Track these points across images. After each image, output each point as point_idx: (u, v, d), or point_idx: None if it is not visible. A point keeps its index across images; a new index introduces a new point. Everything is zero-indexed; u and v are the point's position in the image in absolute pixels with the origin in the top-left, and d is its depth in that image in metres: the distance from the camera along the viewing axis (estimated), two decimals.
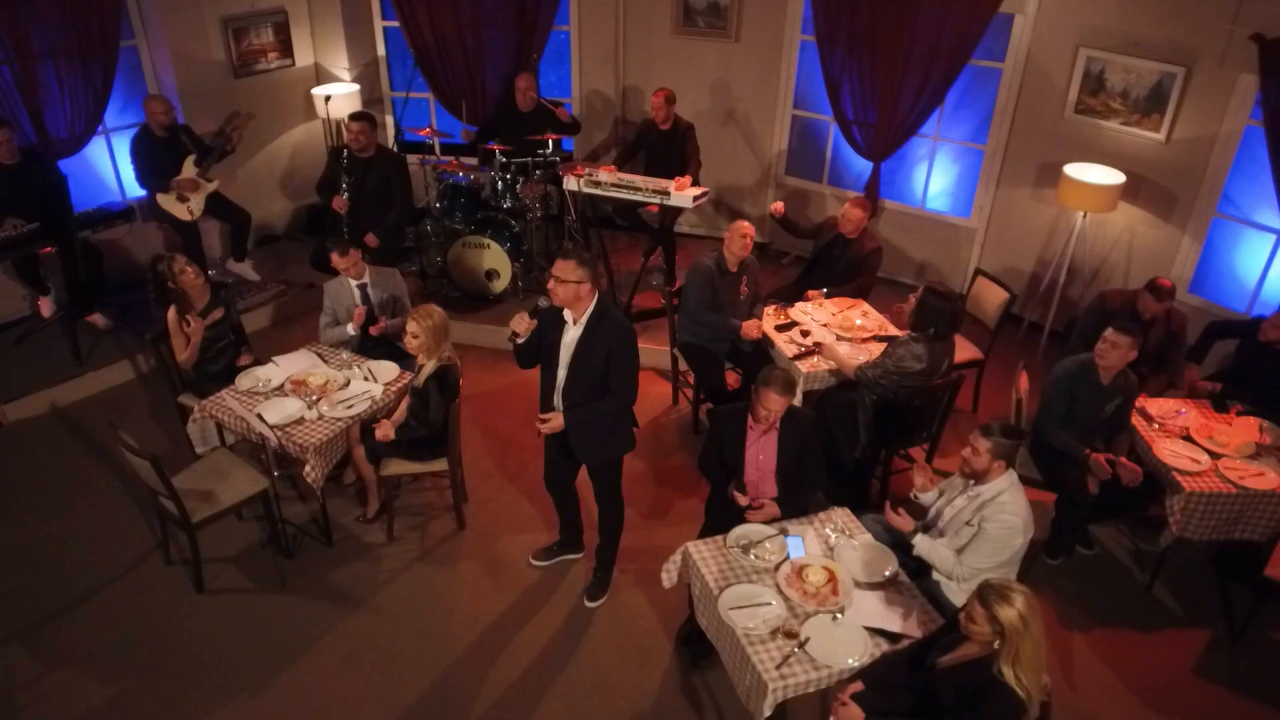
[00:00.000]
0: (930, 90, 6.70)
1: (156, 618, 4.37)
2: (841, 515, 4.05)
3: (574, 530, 4.70)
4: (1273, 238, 5.72)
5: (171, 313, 4.92)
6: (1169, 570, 4.71)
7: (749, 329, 5.36)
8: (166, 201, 6.36)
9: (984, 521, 3.65)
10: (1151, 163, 6.02)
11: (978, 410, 5.91)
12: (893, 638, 3.46)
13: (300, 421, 4.58)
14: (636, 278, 6.70)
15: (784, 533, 3.92)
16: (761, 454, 4.07)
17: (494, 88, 7.71)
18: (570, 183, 6.46)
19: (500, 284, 6.77)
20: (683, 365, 5.88)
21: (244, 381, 4.87)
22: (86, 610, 4.41)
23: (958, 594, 3.76)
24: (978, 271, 6.04)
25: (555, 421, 3.99)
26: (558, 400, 4.06)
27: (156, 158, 6.32)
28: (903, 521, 3.87)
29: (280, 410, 4.63)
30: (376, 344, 5.26)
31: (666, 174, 6.55)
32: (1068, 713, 4.00)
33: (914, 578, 3.79)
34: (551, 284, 3.83)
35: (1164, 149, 5.95)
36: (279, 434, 4.43)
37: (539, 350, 4.07)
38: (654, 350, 6.29)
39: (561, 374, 4.01)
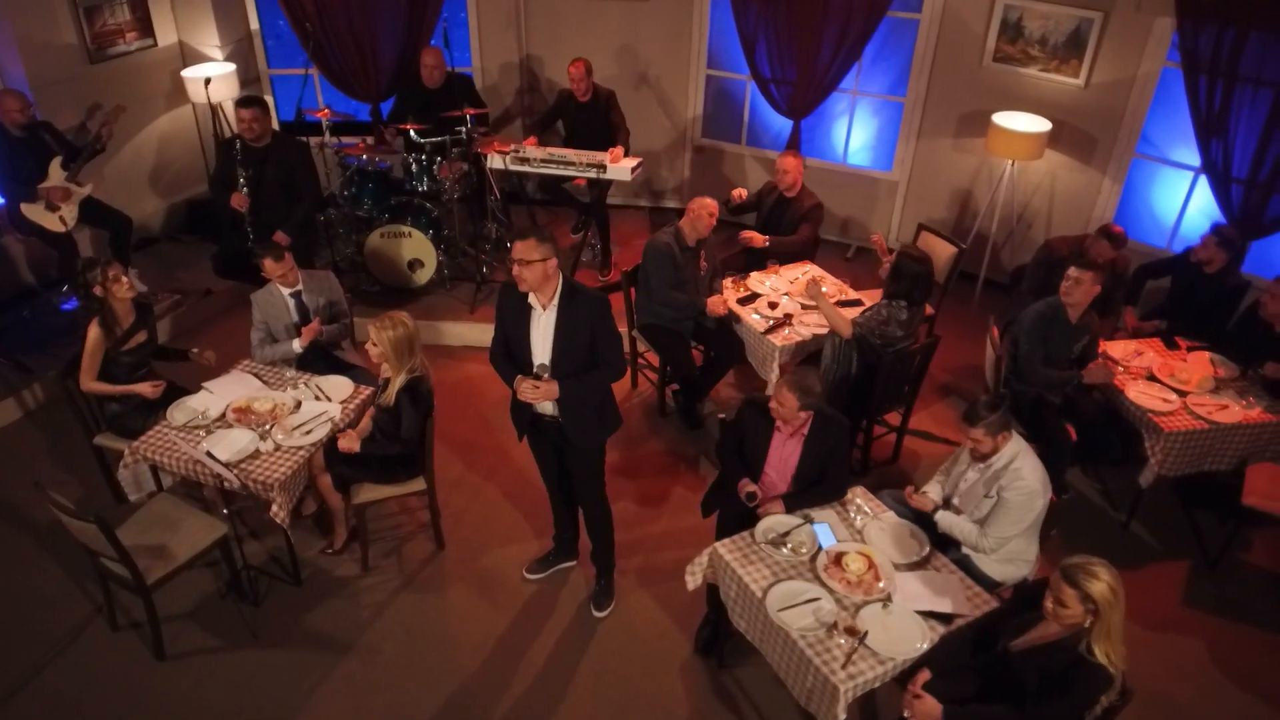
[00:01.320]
0: (849, 44, 6.62)
1: (117, 695, 3.84)
2: (860, 495, 3.97)
3: (570, 536, 4.44)
4: (1190, 174, 5.98)
5: (96, 330, 4.30)
6: (1140, 506, 4.89)
7: (714, 305, 5.19)
8: (34, 212, 5.54)
9: (1002, 491, 3.62)
10: (1071, 108, 6.16)
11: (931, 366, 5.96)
12: (944, 619, 3.41)
13: (255, 455, 4.09)
14: (575, 255, 6.38)
15: (809, 521, 3.80)
16: (786, 454, 3.91)
17: (388, 62, 7.12)
18: (494, 160, 6.05)
19: (425, 273, 6.31)
20: (642, 347, 5.66)
21: (177, 415, 4.31)
22: (29, 696, 3.82)
23: (987, 564, 3.74)
24: (921, 226, 6.05)
25: (550, 389, 3.63)
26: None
27: (16, 161, 5.48)
28: (923, 500, 3.82)
29: (230, 445, 4.12)
30: (316, 355, 4.77)
31: (591, 147, 6.25)
32: None
33: (943, 551, 3.76)
34: (516, 269, 3.50)
35: (1083, 93, 6.10)
36: (236, 472, 3.93)
37: (509, 348, 3.75)
38: None
39: (542, 359, 3.67)
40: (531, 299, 3.61)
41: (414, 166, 6.35)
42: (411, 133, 6.20)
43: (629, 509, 4.85)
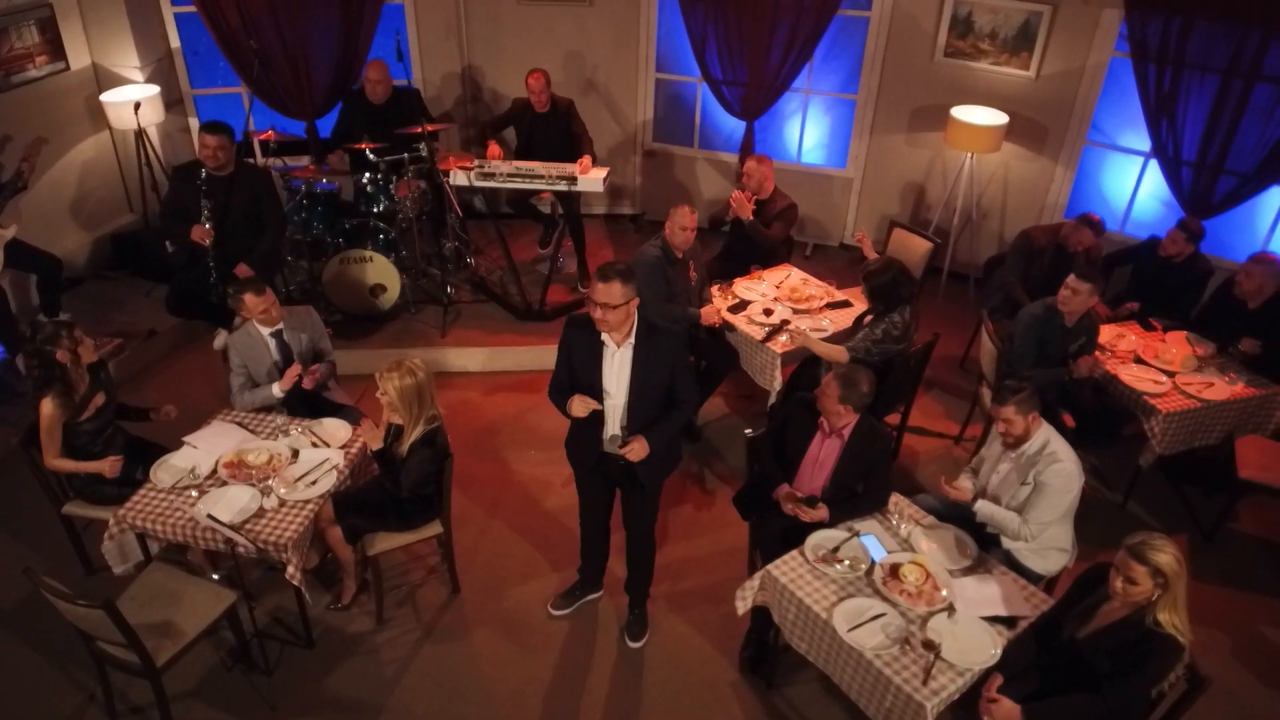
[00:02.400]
0: (800, 43, 6.61)
1: None
2: (897, 501, 3.94)
3: (600, 568, 4.28)
4: (1140, 159, 6.21)
5: (51, 404, 3.87)
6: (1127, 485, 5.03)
7: (709, 316, 5.09)
8: None
9: (1039, 476, 3.65)
10: (1023, 99, 6.31)
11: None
12: (1008, 622, 3.41)
13: (260, 514, 3.78)
14: (549, 272, 6.17)
15: (854, 533, 3.75)
16: (823, 455, 3.85)
17: (324, 77, 6.74)
18: (457, 176, 5.79)
19: (389, 298, 6.00)
20: None
21: (163, 476, 3.95)
22: None
23: (1030, 559, 3.78)
24: (892, 224, 6.09)
25: (641, 448, 3.53)
26: (616, 429, 3.61)
27: None
28: (960, 492, 3.80)
29: (230, 504, 3.80)
30: (300, 396, 4.46)
31: (547, 157, 6.05)
32: None
33: (986, 550, 3.77)
34: (599, 313, 3.36)
35: (1034, 85, 6.25)
36: (245, 534, 3.62)
37: (573, 384, 3.60)
38: None
39: (618, 399, 3.57)
40: (605, 336, 3.46)
41: (369, 186, 6.03)
42: (367, 151, 5.88)
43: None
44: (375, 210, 6.06)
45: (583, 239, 6.43)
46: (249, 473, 3.96)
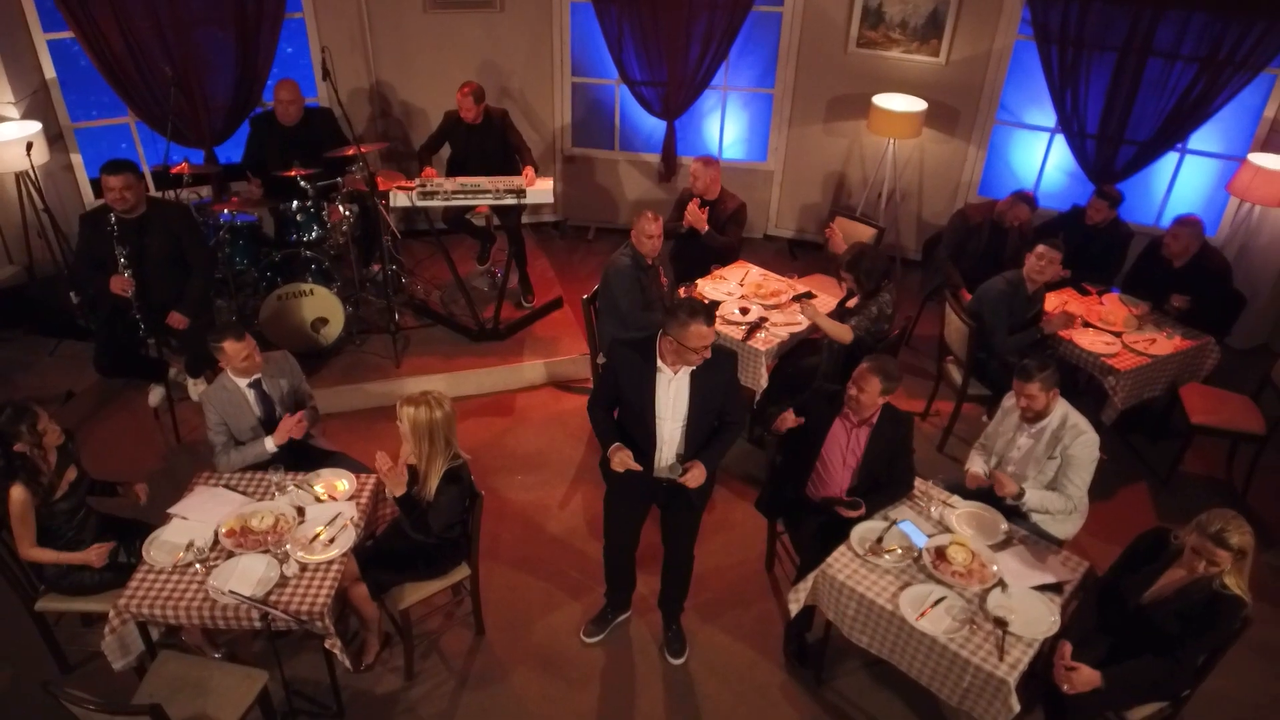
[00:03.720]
0: (717, 40, 6.67)
1: None
2: (924, 486, 4.05)
3: (630, 589, 4.19)
4: (1046, 135, 6.62)
5: (21, 492, 3.44)
6: None
7: None
8: None
9: (1067, 450, 3.85)
10: (934, 85, 6.60)
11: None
12: (1055, 589, 3.57)
13: (283, 583, 3.49)
14: (500, 289, 5.97)
15: (891, 522, 3.83)
16: (852, 445, 3.90)
17: (221, 100, 6.27)
18: (398, 198, 5.52)
19: (332, 331, 5.66)
20: None
21: (159, 555, 3.58)
22: None
23: (1053, 525, 3.97)
24: (834, 212, 6.25)
25: (699, 474, 3.47)
26: (670, 454, 3.54)
27: None
28: (1008, 485, 3.80)
29: (246, 577, 3.48)
30: (289, 448, 4.11)
31: (483, 171, 5.88)
32: None
33: (1013, 522, 3.92)
34: (697, 357, 3.31)
35: (944, 70, 6.55)
36: (276, 607, 3.33)
37: (619, 408, 3.51)
38: (557, 363, 5.79)
39: (674, 425, 3.50)
40: (660, 362, 3.37)
41: (298, 215, 5.66)
42: (299, 178, 5.51)
43: (656, 546, 4.64)
44: (307, 239, 5.69)
45: (524, 252, 6.25)
46: (256, 539, 3.64)
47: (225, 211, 5.53)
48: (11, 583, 3.63)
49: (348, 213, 5.73)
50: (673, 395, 3.44)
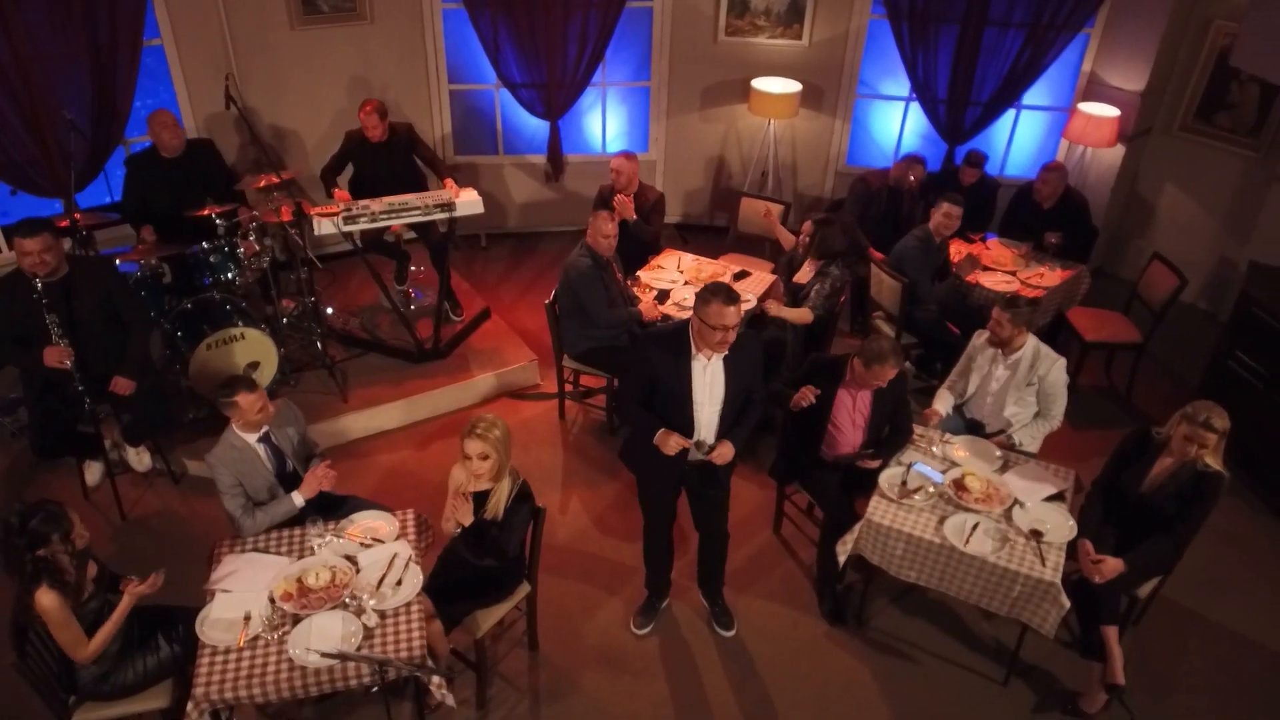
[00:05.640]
0: (594, 39, 6.81)
1: None
2: (919, 430, 4.45)
3: (669, 574, 4.31)
4: (901, 104, 7.28)
5: (53, 598, 3.08)
6: None
7: (650, 311, 5.23)
8: None
9: (1045, 377, 4.39)
10: (800, 66, 7.07)
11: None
12: (1059, 498, 4.08)
13: (369, 635, 3.34)
14: (438, 307, 5.82)
15: (907, 466, 4.21)
16: (860, 407, 4.23)
17: (78, 140, 5.64)
18: (322, 225, 5.26)
19: (267, 373, 5.28)
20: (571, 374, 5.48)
21: (220, 635, 3.32)
22: None
23: (1030, 443, 4.50)
24: (743, 195, 6.58)
25: (727, 451, 3.65)
26: (709, 437, 3.68)
27: None
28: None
29: (326, 636, 3.30)
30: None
31: (392, 188, 5.70)
32: None
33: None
34: (722, 336, 3.42)
35: (808, 52, 7.04)
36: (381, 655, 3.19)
37: (655, 399, 3.63)
38: (507, 372, 5.74)
39: (711, 410, 3.64)
40: (696, 351, 3.49)
41: (211, 256, 5.25)
42: (214, 215, 5.11)
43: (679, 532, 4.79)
44: (223, 279, 5.30)
45: (449, 269, 6.06)
46: (319, 597, 3.45)
47: (135, 262, 5.03)
48: (46, 701, 3.24)
49: (260, 247, 5.39)
50: (709, 381, 3.58)
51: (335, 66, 6.54)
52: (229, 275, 5.31)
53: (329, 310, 6.14)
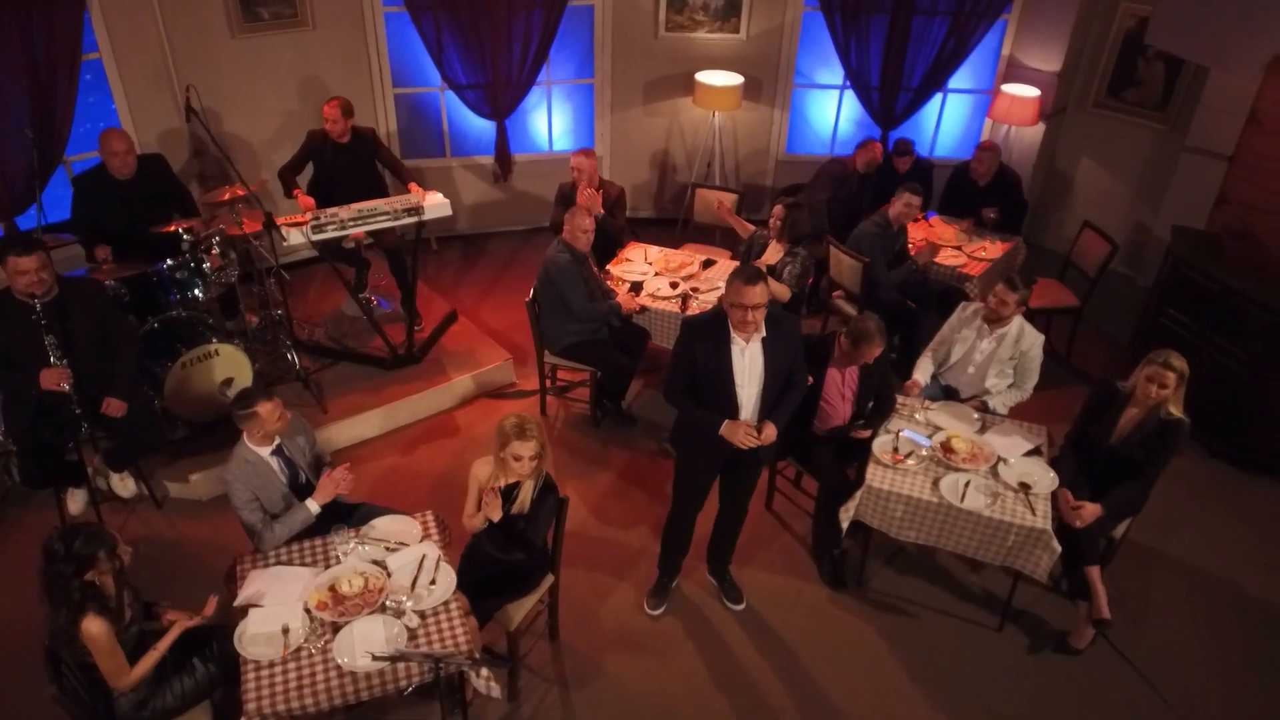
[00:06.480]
0: (538, 38, 6.87)
1: None
2: (900, 399, 4.70)
3: (682, 560, 4.44)
4: (836, 92, 7.57)
5: (100, 625, 3.02)
6: None
7: (628, 303, 5.35)
8: None
9: (1027, 351, 4.68)
10: (739, 59, 7.29)
11: None
12: (1036, 452, 4.39)
13: (414, 636, 3.38)
14: (409, 313, 5.80)
15: (895, 434, 4.45)
16: (849, 382, 4.45)
17: (16, 161, 5.43)
18: (291, 235, 5.19)
19: (240, 388, 5.20)
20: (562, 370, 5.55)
21: (262, 650, 3.30)
22: None
23: (1002, 408, 4.80)
24: (694, 186, 6.76)
25: (771, 432, 3.78)
26: (749, 416, 3.82)
27: None
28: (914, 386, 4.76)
29: (370, 640, 3.33)
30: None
31: (353, 192, 5.66)
32: None
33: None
34: (748, 314, 3.54)
35: (745, 44, 7.26)
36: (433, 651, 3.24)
37: (697, 385, 3.75)
38: (484, 372, 5.77)
39: (752, 392, 3.77)
40: (735, 334, 3.60)
41: (178, 272, 5.12)
42: (181, 231, 4.99)
43: (661, 515, 4.92)
44: (189, 296, 5.17)
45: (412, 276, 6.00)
46: (355, 604, 3.47)
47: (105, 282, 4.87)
48: None
49: (225, 261, 5.28)
50: (748, 363, 3.72)
51: (279, 74, 6.43)
52: (194, 292, 5.18)
53: (298, 321, 6.04)
